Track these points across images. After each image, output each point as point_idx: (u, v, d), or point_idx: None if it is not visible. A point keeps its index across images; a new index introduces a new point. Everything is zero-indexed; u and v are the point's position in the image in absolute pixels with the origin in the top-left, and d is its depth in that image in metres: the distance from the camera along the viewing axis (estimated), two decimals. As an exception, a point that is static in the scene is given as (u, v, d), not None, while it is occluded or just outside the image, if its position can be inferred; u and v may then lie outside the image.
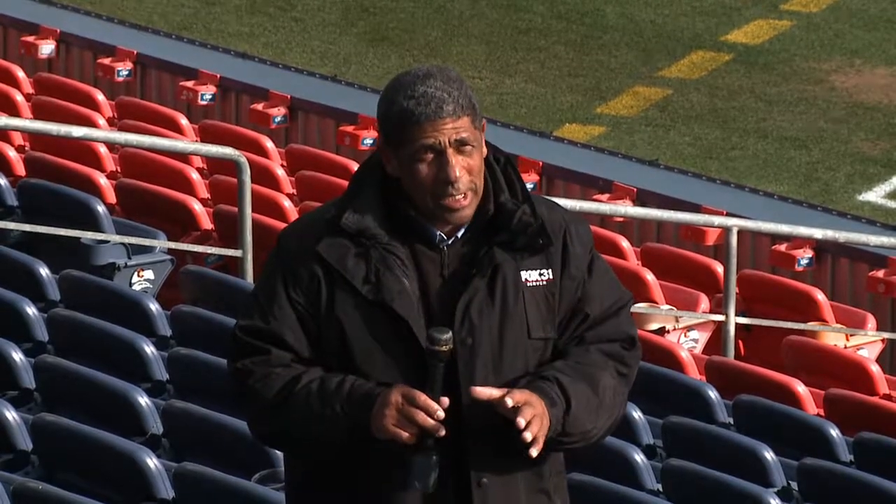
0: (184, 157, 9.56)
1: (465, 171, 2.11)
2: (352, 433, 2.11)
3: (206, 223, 8.99)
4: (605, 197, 10.65)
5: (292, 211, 9.15)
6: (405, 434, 2.01)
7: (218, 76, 10.80)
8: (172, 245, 8.17)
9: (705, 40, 13.59)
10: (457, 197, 2.11)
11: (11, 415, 5.16)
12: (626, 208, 10.16)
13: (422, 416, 2.00)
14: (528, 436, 1.96)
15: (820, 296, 9.39)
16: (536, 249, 2.19)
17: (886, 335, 9.50)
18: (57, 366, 5.73)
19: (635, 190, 10.54)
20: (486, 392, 2.01)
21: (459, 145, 2.08)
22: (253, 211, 8.06)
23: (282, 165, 10.24)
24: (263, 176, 9.45)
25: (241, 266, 7.98)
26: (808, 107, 12.98)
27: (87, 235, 7.71)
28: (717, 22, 14.19)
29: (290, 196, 9.63)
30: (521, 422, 1.94)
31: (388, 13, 13.72)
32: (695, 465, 5.85)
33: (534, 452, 1.98)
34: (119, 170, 9.52)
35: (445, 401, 2.01)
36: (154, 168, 9.53)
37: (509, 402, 1.95)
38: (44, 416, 5.30)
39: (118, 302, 6.86)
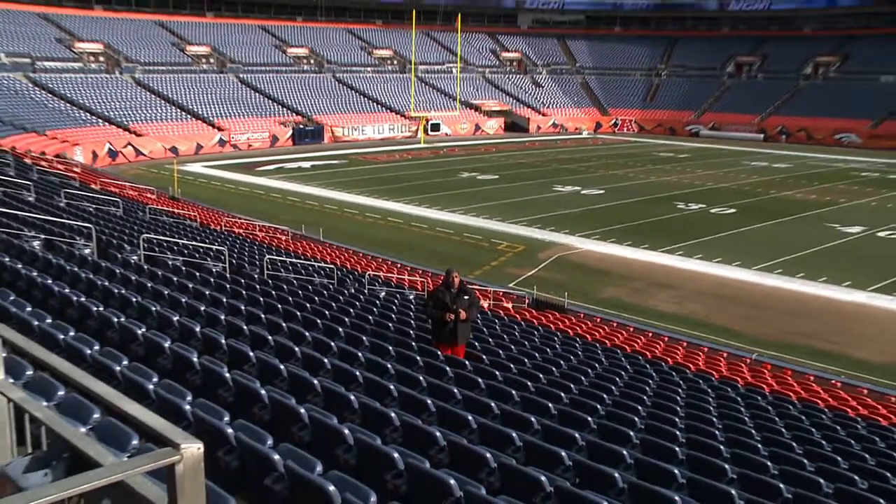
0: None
1: (457, 280, 9.43)
2: (436, 317, 9.50)
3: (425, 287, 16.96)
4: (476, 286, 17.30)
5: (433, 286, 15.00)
6: (448, 318, 9.35)
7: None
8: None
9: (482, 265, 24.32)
10: (455, 284, 9.40)
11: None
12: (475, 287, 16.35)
13: (451, 316, 9.30)
14: (462, 315, 9.29)
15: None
16: (466, 294, 9.47)
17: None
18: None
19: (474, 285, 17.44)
20: (458, 312, 9.30)
21: (455, 279, 9.44)
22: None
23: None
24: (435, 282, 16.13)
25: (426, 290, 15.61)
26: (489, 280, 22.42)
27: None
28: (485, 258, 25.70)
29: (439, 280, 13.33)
30: (461, 315, 9.28)
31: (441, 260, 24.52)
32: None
33: (462, 317, 9.31)
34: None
35: (454, 315, 9.31)
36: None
37: (460, 312, 9.26)
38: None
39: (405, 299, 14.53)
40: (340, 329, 9.91)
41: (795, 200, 34.21)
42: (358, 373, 7.40)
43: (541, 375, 9.41)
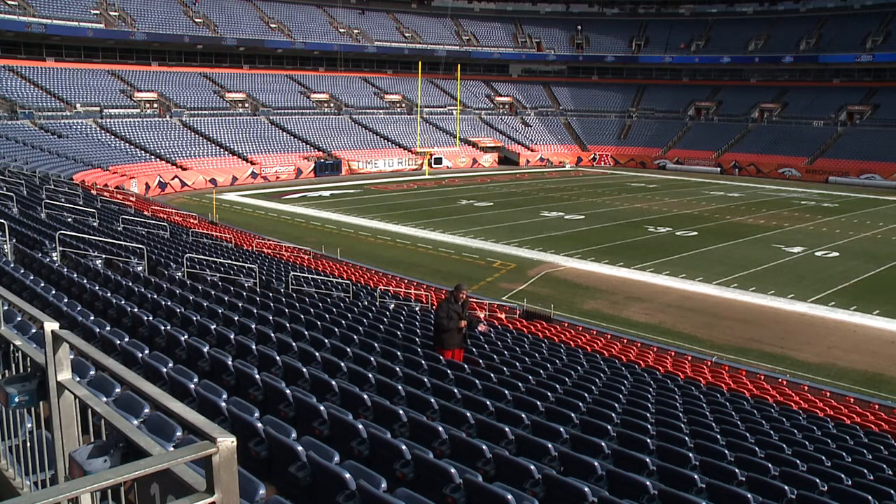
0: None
1: (464, 296, 9.12)
2: (447, 325, 8.94)
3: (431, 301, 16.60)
4: (474, 298, 17.81)
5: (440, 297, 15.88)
6: (462, 326, 9.04)
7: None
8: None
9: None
10: (463, 297, 9.12)
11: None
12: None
13: (465, 323, 9.05)
14: (462, 323, 8.98)
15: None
16: (467, 307, 9.16)
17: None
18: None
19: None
20: (462, 322, 8.97)
21: (464, 293, 9.21)
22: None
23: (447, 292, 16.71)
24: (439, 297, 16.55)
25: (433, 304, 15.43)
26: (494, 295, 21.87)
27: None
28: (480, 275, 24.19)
29: (442, 294, 16.39)
30: (464, 324, 9.01)
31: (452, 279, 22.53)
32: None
33: (462, 327, 8.99)
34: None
35: (466, 322, 9.15)
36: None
37: (468, 320, 9.22)
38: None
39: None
40: (355, 336, 9.70)
41: (747, 224, 33.96)
42: (370, 375, 7.28)
43: (530, 377, 9.27)
